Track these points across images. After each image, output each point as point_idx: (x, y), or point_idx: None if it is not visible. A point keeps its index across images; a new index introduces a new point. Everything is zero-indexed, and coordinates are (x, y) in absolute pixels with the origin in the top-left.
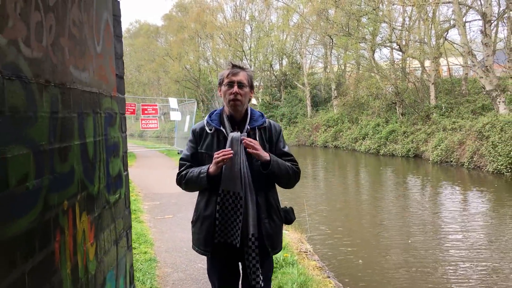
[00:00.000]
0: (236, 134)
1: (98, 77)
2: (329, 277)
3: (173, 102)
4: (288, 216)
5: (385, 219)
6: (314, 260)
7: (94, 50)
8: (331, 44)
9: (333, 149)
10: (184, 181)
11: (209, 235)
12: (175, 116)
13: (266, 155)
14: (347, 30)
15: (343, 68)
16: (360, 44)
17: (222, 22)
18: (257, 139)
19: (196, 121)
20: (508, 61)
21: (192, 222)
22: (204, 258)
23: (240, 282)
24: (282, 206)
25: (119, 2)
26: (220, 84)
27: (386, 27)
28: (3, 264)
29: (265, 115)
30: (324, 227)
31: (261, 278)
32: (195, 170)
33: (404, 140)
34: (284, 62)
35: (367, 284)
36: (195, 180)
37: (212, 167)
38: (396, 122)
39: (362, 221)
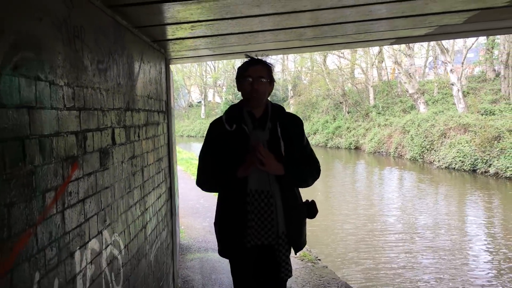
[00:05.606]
0: (259, 134)
1: (171, 104)
2: None
3: None
4: (310, 210)
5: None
6: None
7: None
8: None
9: None
10: (205, 178)
11: (240, 239)
12: None
13: (277, 170)
14: None
15: (299, 70)
16: None
17: None
18: (279, 135)
19: None
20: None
21: (215, 225)
22: (196, 198)
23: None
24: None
25: (172, 72)
26: (238, 78)
27: None
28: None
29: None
30: None
31: (290, 270)
32: (219, 169)
33: (347, 135)
34: None
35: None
36: (219, 180)
37: (241, 170)
38: (342, 119)
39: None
